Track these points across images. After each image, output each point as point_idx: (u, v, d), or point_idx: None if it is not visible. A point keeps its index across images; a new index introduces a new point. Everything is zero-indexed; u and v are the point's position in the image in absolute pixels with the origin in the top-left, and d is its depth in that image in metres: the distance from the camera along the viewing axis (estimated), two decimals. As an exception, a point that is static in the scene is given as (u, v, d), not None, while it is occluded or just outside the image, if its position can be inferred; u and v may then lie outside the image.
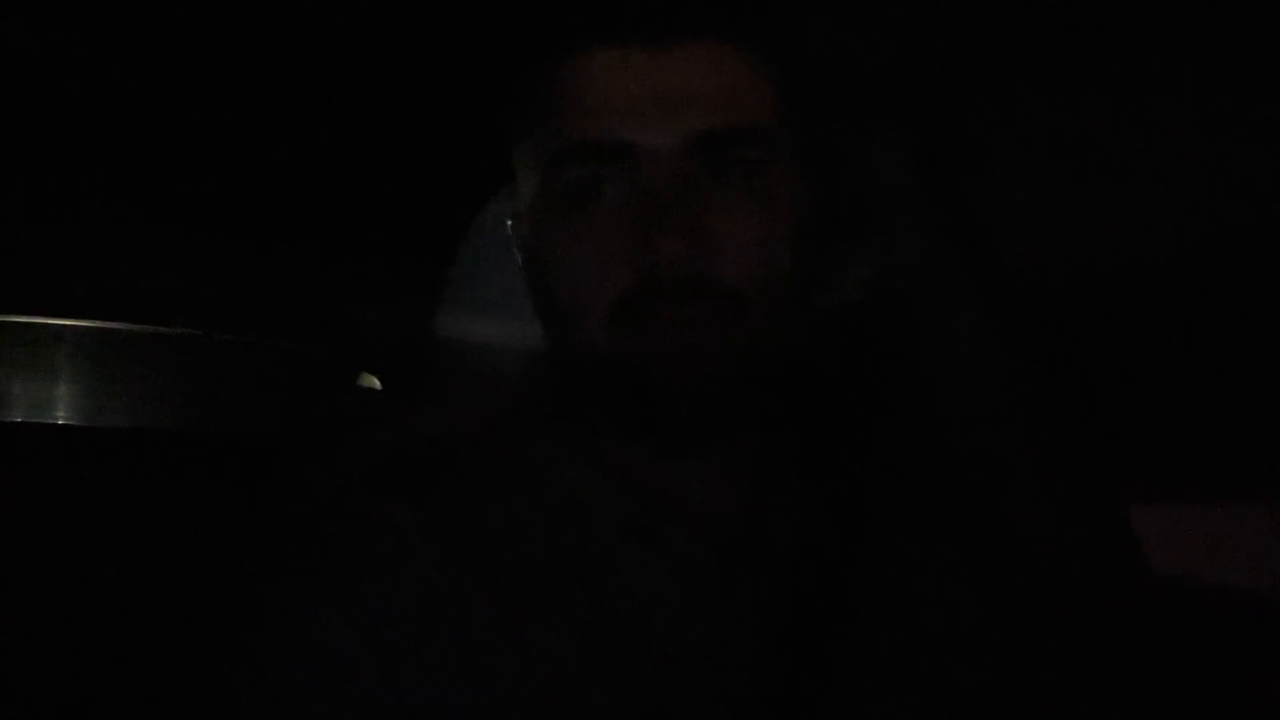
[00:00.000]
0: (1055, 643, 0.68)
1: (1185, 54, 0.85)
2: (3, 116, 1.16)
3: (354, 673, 0.60)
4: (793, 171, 0.65)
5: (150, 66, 1.14)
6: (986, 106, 0.88)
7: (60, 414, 1.36)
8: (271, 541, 0.68)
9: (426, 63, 1.13)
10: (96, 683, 1.23)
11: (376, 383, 1.37)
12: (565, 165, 0.63)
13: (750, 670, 0.63)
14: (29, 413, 1.37)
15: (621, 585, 0.64)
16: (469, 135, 1.00)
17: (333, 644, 0.60)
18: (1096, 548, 0.75)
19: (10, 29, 1.08)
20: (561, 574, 0.63)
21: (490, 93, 0.71)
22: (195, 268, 1.31)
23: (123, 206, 1.26)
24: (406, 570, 0.62)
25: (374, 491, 0.65)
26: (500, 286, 0.86)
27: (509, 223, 0.72)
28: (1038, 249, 0.89)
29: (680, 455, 0.65)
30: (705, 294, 0.60)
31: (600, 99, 0.62)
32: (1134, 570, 0.75)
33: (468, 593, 0.62)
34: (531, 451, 0.68)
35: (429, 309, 0.98)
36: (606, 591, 0.63)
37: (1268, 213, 0.84)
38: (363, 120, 1.22)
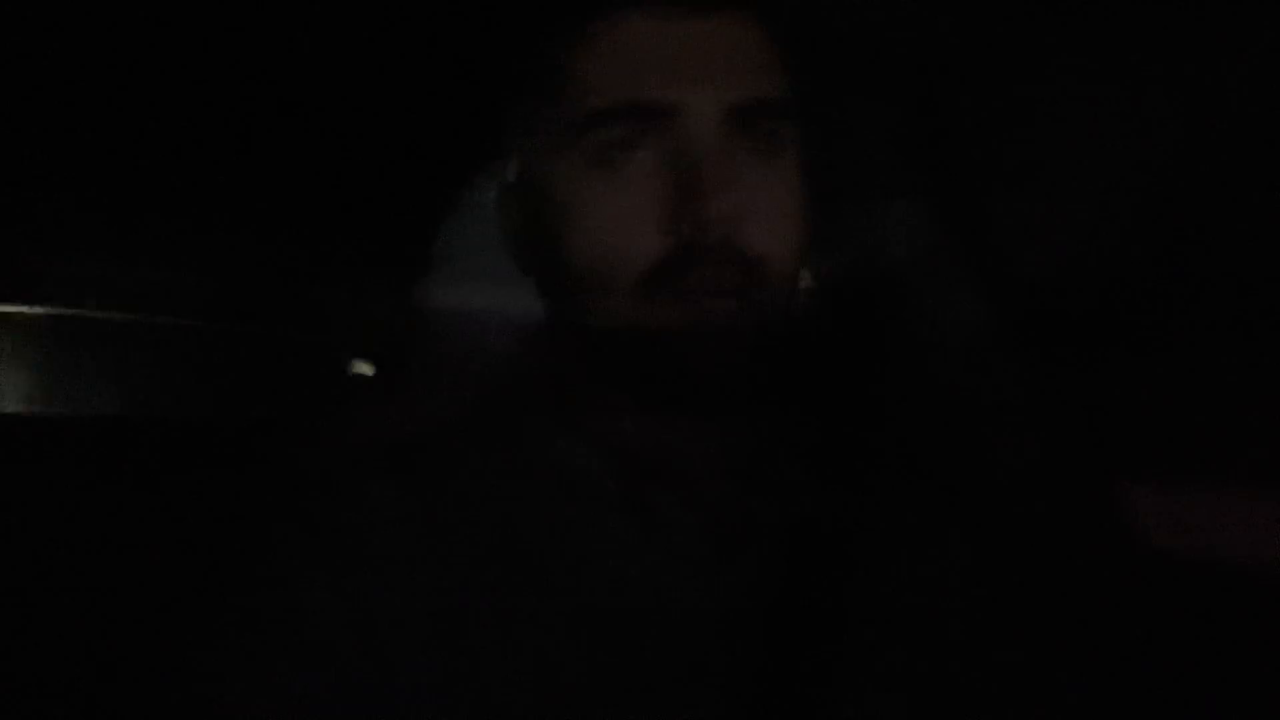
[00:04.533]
0: (1049, 617, 0.68)
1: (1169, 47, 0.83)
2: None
3: (345, 653, 0.61)
4: (801, 150, 0.66)
5: (116, 43, 1.11)
6: (983, 86, 0.88)
7: (9, 403, 1.35)
8: (259, 527, 0.68)
9: (416, 42, 1.10)
10: (73, 677, 1.21)
11: (368, 369, 1.36)
12: (601, 126, 0.62)
13: (742, 642, 0.63)
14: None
15: (612, 558, 0.64)
16: (454, 116, 0.98)
17: (323, 626, 0.61)
18: (1090, 522, 0.77)
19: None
20: (552, 548, 0.64)
21: (491, 68, 0.70)
22: (181, 254, 1.30)
23: (99, 191, 1.24)
24: (395, 550, 0.63)
25: (361, 473, 0.66)
26: (486, 263, 0.84)
27: (495, 196, 0.71)
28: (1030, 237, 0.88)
29: (674, 428, 0.65)
30: (736, 261, 0.61)
31: (640, 61, 0.63)
32: (1129, 544, 0.77)
33: (457, 570, 0.63)
34: (520, 427, 0.68)
35: (416, 289, 0.95)
36: (597, 564, 0.64)
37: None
38: (347, 99, 1.19)
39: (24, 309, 1.33)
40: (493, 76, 0.72)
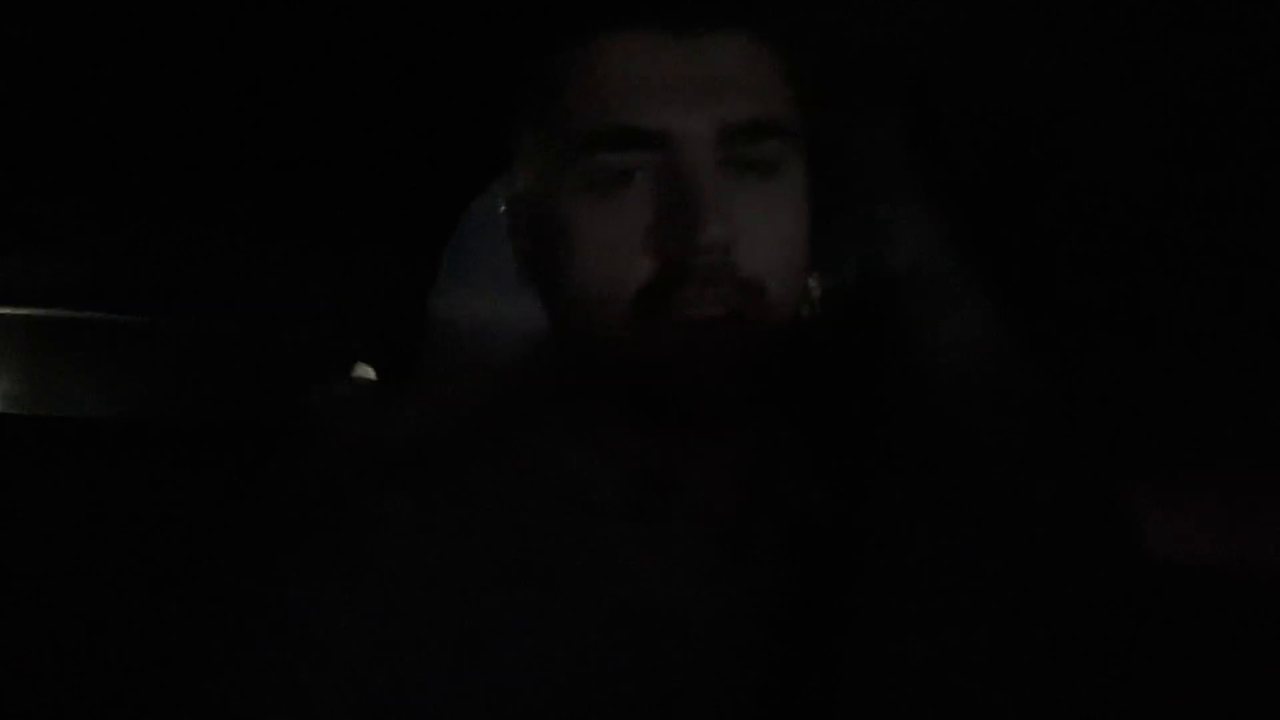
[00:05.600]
0: (1052, 617, 0.69)
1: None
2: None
3: (353, 660, 0.60)
4: (806, 166, 0.65)
5: (123, 38, 1.10)
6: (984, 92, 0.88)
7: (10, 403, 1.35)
8: (267, 532, 0.68)
9: (426, 49, 1.10)
10: (72, 680, 1.21)
11: (370, 372, 1.36)
12: (593, 151, 0.62)
13: (752, 650, 0.64)
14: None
15: (622, 568, 0.64)
16: (465, 123, 0.98)
17: (332, 633, 0.61)
18: (1093, 523, 0.77)
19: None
20: (561, 558, 0.64)
21: (496, 78, 0.69)
22: (189, 255, 1.30)
23: (99, 191, 1.24)
24: (404, 559, 0.63)
25: (370, 481, 0.66)
26: (495, 273, 0.84)
27: (503, 209, 0.71)
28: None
29: (682, 439, 0.65)
30: (730, 283, 0.60)
31: (632, 85, 0.62)
32: (1131, 544, 0.78)
33: (466, 580, 0.63)
34: (529, 437, 0.69)
35: (423, 296, 0.96)
36: (607, 575, 0.64)
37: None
38: (357, 104, 1.19)
39: (21, 310, 1.33)
40: (494, 92, 0.71)
